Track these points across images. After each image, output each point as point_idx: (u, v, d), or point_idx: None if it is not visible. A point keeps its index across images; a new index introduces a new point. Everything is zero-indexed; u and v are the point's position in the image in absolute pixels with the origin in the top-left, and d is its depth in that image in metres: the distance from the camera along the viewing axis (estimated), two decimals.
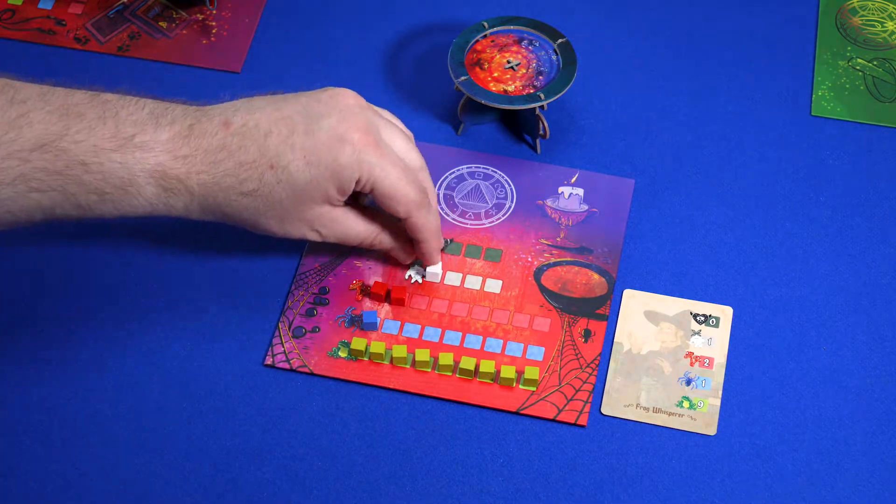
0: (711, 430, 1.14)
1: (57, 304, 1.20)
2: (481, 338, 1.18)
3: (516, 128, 1.31)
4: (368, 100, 1.32)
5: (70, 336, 1.18)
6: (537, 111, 1.26)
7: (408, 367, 1.17)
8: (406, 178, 1.14)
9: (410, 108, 1.32)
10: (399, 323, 1.19)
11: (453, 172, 1.28)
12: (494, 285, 1.21)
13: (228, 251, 1.23)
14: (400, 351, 1.16)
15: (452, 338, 1.18)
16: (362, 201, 1.20)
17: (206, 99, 1.32)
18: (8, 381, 1.16)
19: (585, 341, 1.18)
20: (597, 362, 1.17)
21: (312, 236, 1.16)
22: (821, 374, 1.17)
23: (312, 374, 1.17)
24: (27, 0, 1.39)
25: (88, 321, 1.19)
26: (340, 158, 1.11)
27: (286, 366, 1.17)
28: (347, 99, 1.15)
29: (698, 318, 1.20)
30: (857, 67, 1.35)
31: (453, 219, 1.25)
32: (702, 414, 1.15)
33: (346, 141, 1.12)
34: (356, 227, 1.17)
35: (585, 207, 1.26)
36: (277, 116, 1.12)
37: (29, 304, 1.20)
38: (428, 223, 1.17)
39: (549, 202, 1.26)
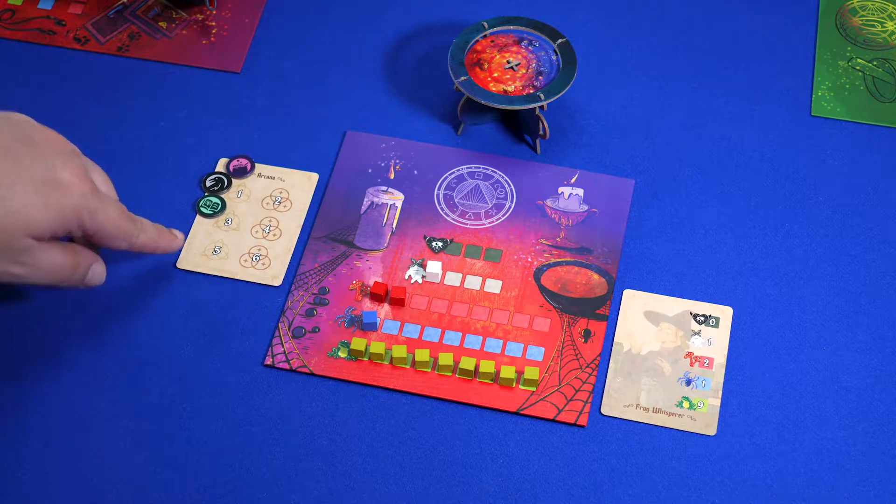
0: (711, 431, 1.14)
1: (57, 304, 1.20)
2: (481, 338, 1.18)
3: (516, 128, 1.31)
4: (368, 100, 1.33)
5: (70, 336, 1.18)
6: (537, 111, 1.26)
7: (408, 367, 1.17)
8: (122, 213, 1.14)
9: (410, 108, 1.32)
10: (399, 323, 1.19)
11: (453, 172, 1.28)
12: (494, 285, 1.21)
13: None
14: (400, 351, 1.16)
15: (452, 338, 1.19)
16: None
17: (206, 99, 1.32)
18: (8, 381, 1.16)
19: (585, 341, 1.18)
20: (597, 362, 1.17)
21: (17, 269, 1.11)
22: (821, 374, 1.17)
23: (312, 375, 1.17)
24: (27, 0, 1.39)
25: (88, 321, 1.19)
26: (67, 201, 1.09)
27: (286, 366, 1.17)
28: (51, 136, 1.12)
29: (698, 319, 1.20)
30: (857, 67, 1.35)
31: (453, 219, 1.25)
32: (702, 414, 1.15)
33: (72, 185, 1.10)
34: (61, 259, 1.13)
35: (585, 207, 1.26)
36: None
37: (29, 303, 1.20)
38: (148, 237, 1.17)
39: (549, 202, 1.26)
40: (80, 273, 1.14)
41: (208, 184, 1.26)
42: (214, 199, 1.25)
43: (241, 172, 1.27)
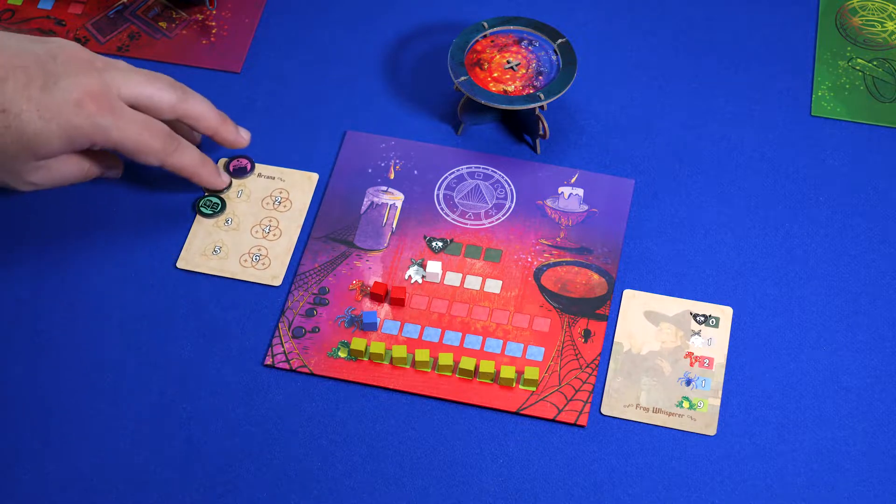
0: (711, 431, 1.14)
1: (56, 304, 1.20)
2: (481, 338, 1.18)
3: (516, 128, 1.31)
4: (369, 100, 1.33)
5: (70, 336, 1.18)
6: (537, 111, 1.26)
7: (408, 367, 1.17)
8: (148, 131, 1.16)
9: (410, 108, 1.32)
10: (399, 323, 1.19)
11: (453, 172, 1.28)
12: (494, 285, 1.21)
13: None
14: (400, 351, 1.16)
15: (452, 338, 1.19)
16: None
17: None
18: (8, 381, 1.16)
19: (585, 341, 1.18)
20: (597, 362, 1.17)
21: (25, 188, 1.16)
22: (821, 374, 1.17)
23: (312, 375, 1.17)
24: (27, 0, 1.39)
25: (88, 321, 1.19)
26: (74, 121, 1.12)
27: (286, 366, 1.17)
28: (80, 55, 1.15)
29: (698, 319, 1.20)
30: (857, 67, 1.35)
31: (453, 219, 1.25)
32: (702, 414, 1.15)
33: (81, 105, 1.12)
34: (69, 170, 1.17)
35: (585, 207, 1.26)
36: (15, 63, 1.12)
37: (29, 303, 1.20)
38: (184, 162, 1.20)
39: (549, 202, 1.26)
40: (90, 177, 1.19)
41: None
42: (214, 199, 1.26)
43: (241, 172, 1.27)
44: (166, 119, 1.19)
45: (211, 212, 1.25)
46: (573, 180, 1.27)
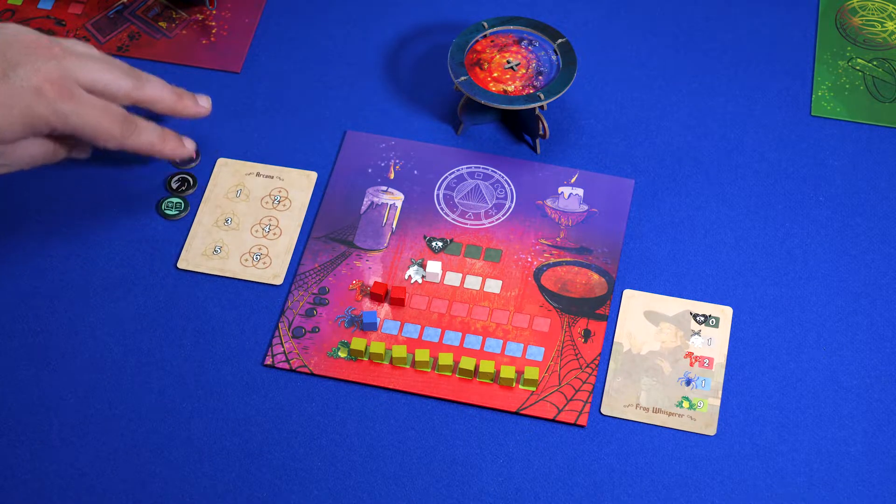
0: (711, 430, 1.14)
1: (57, 304, 1.20)
2: (481, 338, 1.18)
3: (516, 128, 1.31)
4: (368, 100, 1.33)
5: (70, 336, 1.18)
6: (537, 111, 1.26)
7: (407, 367, 1.17)
8: (106, 116, 1.16)
9: (410, 108, 1.32)
10: (399, 323, 1.19)
11: (453, 172, 1.28)
12: (494, 285, 1.21)
13: None
14: (400, 351, 1.16)
15: (452, 338, 1.19)
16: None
17: None
18: (8, 381, 1.16)
19: (585, 341, 1.18)
20: (597, 362, 1.17)
21: None
22: (821, 374, 1.17)
23: (312, 375, 1.17)
24: (27, 0, 1.39)
25: (88, 321, 1.19)
26: (34, 109, 1.13)
27: (286, 366, 1.17)
28: (38, 42, 1.15)
29: (698, 319, 1.20)
30: (857, 67, 1.35)
31: (453, 219, 1.25)
32: (702, 414, 1.15)
33: (40, 92, 1.13)
34: (36, 151, 1.17)
35: (585, 207, 1.26)
36: None
37: (29, 303, 1.20)
38: (142, 142, 1.20)
39: (549, 202, 1.26)
40: (59, 157, 1.19)
41: (173, 185, 1.26)
42: (176, 199, 1.25)
43: (188, 161, 1.28)
44: (121, 105, 1.19)
45: (175, 212, 1.24)
46: (573, 180, 1.27)
